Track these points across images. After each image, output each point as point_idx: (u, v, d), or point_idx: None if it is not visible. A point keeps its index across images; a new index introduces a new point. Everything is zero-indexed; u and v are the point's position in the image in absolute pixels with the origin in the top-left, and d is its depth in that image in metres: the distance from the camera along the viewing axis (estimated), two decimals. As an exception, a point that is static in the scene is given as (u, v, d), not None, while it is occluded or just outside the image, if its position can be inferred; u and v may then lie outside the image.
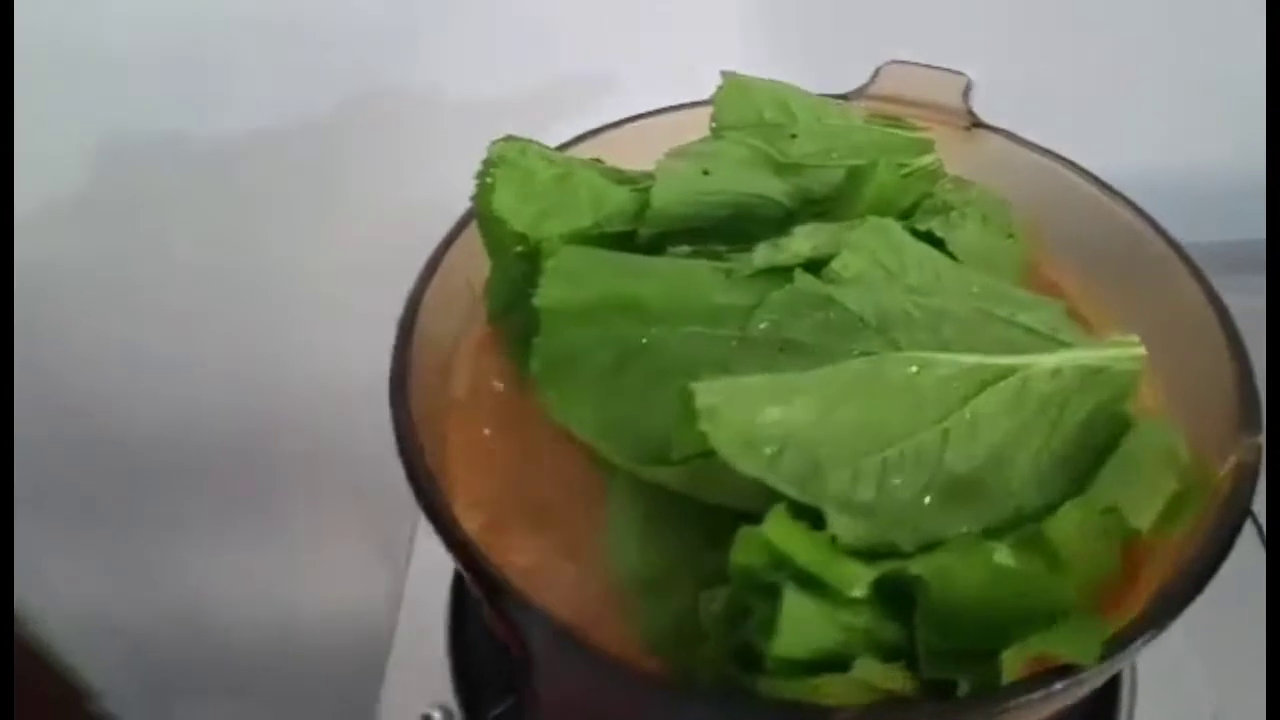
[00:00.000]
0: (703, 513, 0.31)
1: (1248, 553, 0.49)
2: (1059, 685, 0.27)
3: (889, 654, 0.29)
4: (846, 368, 0.32)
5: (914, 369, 0.32)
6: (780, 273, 0.36)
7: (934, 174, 0.44)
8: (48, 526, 0.91)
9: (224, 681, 1.11)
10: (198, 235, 0.71)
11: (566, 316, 0.35)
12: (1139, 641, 0.27)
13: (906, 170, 0.43)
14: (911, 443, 0.32)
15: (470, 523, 0.34)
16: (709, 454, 0.29)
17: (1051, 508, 0.32)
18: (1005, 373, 0.33)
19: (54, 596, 0.97)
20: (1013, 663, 0.27)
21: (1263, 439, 0.32)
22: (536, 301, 0.35)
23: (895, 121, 0.45)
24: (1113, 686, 0.45)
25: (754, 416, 0.30)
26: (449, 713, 0.46)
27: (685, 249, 0.39)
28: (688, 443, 0.29)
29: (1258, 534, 0.52)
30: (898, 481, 0.31)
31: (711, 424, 0.29)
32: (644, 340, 0.35)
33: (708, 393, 0.29)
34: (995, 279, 0.38)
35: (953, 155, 0.44)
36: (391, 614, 0.53)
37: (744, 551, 0.28)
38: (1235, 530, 0.29)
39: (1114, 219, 0.41)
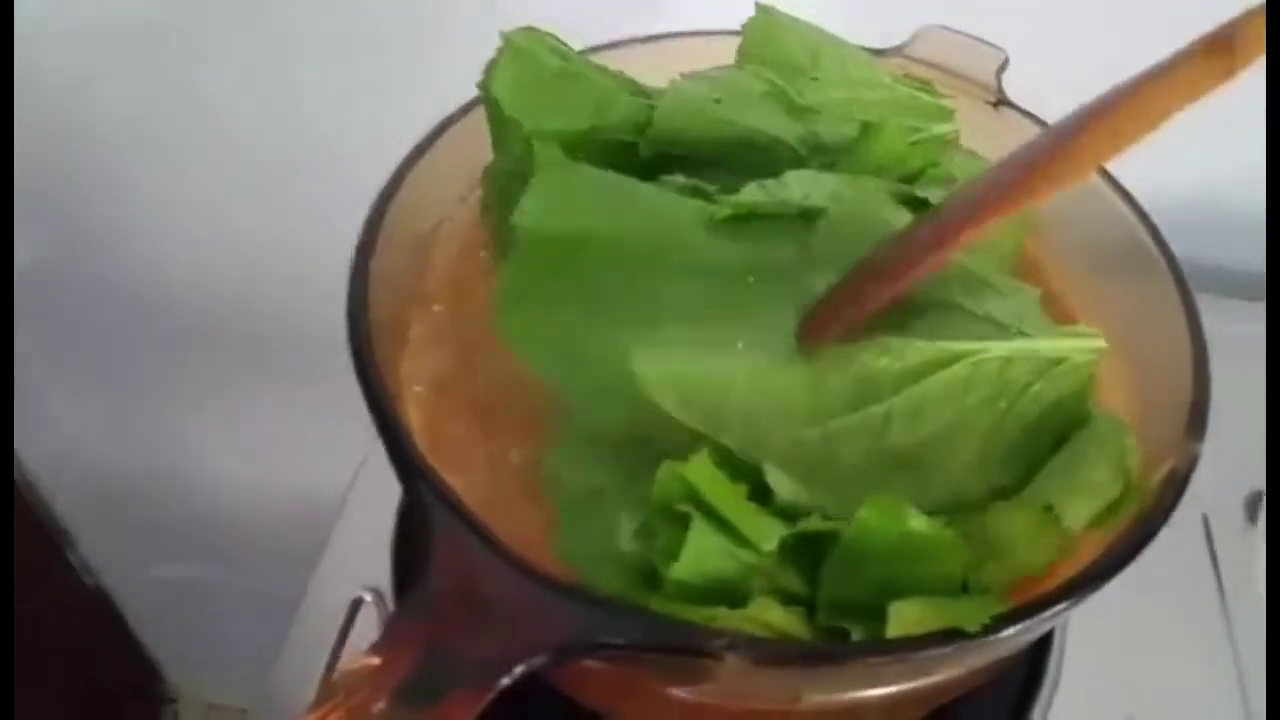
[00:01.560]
0: (640, 446, 0.32)
1: (1198, 560, 0.49)
2: (939, 649, 0.27)
3: (789, 600, 0.30)
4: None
5: (863, 349, 0.33)
6: (767, 220, 0.36)
7: (949, 143, 0.43)
8: (49, 368, 0.93)
9: (201, 546, 1.13)
10: (227, 74, 0.70)
11: (543, 243, 0.35)
12: (1021, 626, 0.27)
13: (920, 136, 0.43)
14: (855, 418, 0.32)
15: (413, 408, 0.34)
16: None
17: (998, 494, 0.32)
18: (954, 358, 0.33)
19: (44, 437, 0.99)
20: (901, 616, 0.28)
21: (1201, 448, 0.31)
22: (515, 219, 0.35)
23: (923, 85, 0.44)
24: (1035, 674, 0.45)
25: (696, 380, 0.31)
26: (380, 596, 0.47)
27: (679, 179, 0.39)
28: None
29: (1205, 535, 0.52)
30: (838, 453, 0.32)
31: (655, 385, 0.30)
32: (616, 281, 0.35)
33: (649, 359, 0.31)
34: (975, 263, 0.38)
35: (974, 129, 0.44)
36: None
37: (663, 486, 0.29)
38: (1150, 534, 0.29)
39: (1116, 216, 0.41)
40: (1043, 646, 0.46)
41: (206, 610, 1.19)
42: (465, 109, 0.39)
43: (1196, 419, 0.32)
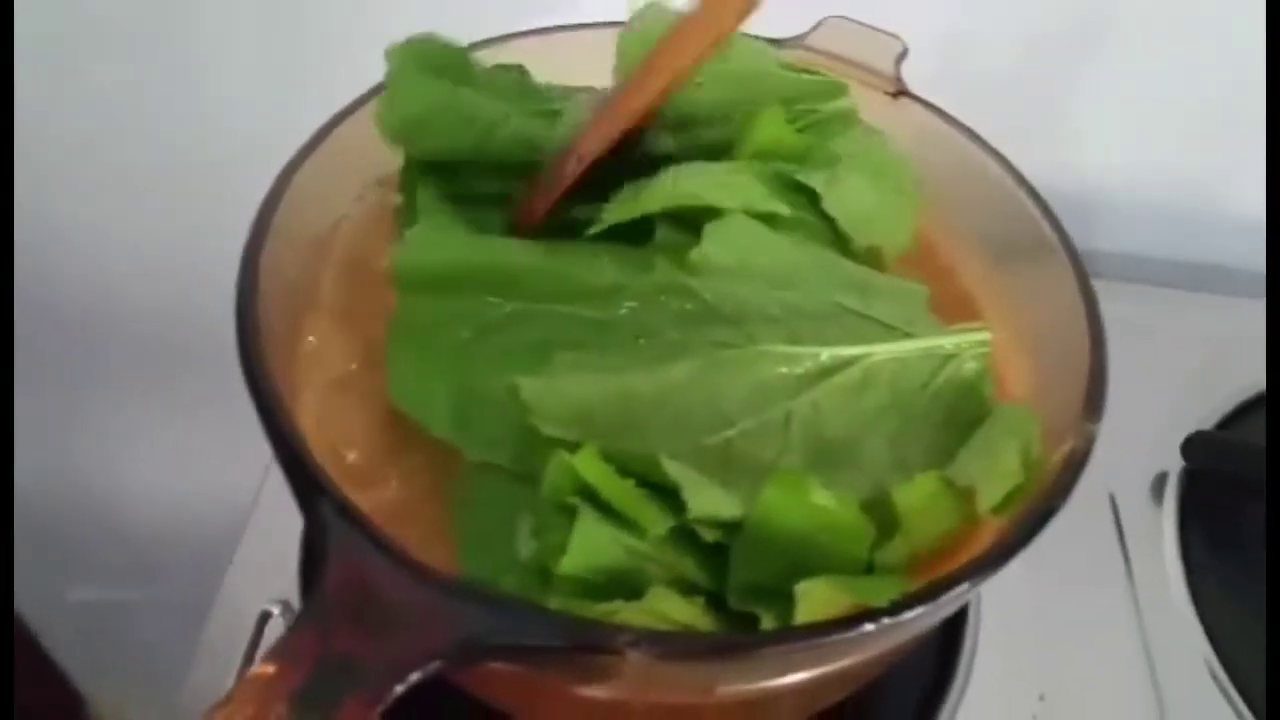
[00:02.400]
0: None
1: (1106, 540, 0.50)
2: (848, 631, 0.27)
3: (688, 590, 0.29)
4: (693, 358, 0.33)
5: (759, 360, 0.33)
6: (643, 246, 0.36)
7: (846, 119, 0.43)
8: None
9: (117, 567, 1.10)
10: (128, 74, 0.68)
11: (425, 284, 0.35)
12: (931, 603, 0.27)
13: (815, 117, 0.43)
14: (753, 424, 0.33)
15: (309, 413, 0.34)
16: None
17: None
18: (847, 362, 0.34)
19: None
20: (809, 597, 0.28)
21: (1098, 428, 0.32)
22: (392, 266, 0.35)
23: (811, 68, 0.44)
24: (949, 661, 0.45)
25: (583, 407, 0.31)
26: (289, 607, 0.46)
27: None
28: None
29: (1112, 515, 0.53)
30: (741, 458, 0.32)
31: (547, 414, 0.31)
32: (501, 316, 0.35)
33: (535, 389, 0.31)
34: (861, 266, 0.38)
35: (874, 119, 0.44)
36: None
37: (552, 479, 0.29)
38: (1050, 512, 0.29)
39: (1013, 201, 0.41)
40: (956, 629, 0.47)
41: (126, 630, 1.15)
42: (356, 105, 0.38)
43: (1094, 400, 0.33)
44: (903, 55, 0.46)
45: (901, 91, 0.46)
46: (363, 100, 0.38)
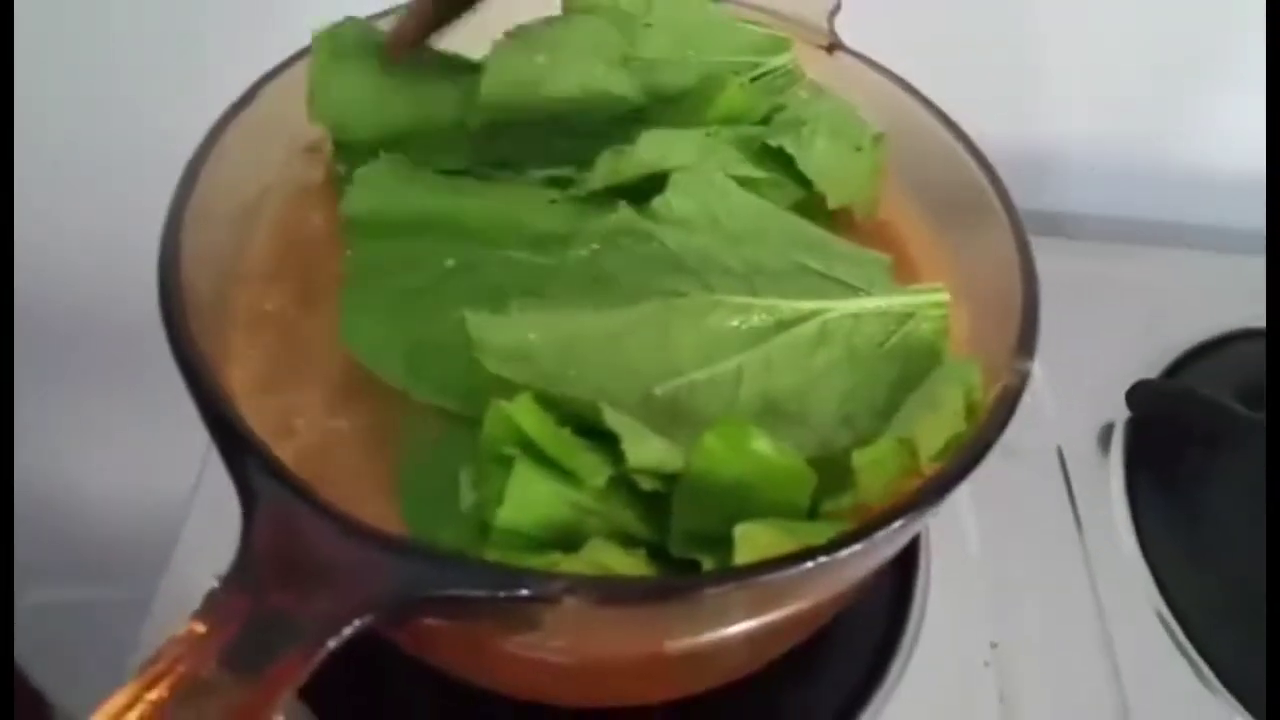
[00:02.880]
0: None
1: (1054, 492, 0.50)
2: (785, 571, 0.27)
3: (628, 542, 0.29)
4: (648, 304, 0.33)
5: (713, 309, 0.33)
6: (611, 196, 0.36)
7: (790, 75, 0.44)
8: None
9: (72, 566, 1.09)
10: (53, 72, 0.66)
11: (377, 228, 0.35)
12: (866, 542, 0.27)
13: (759, 71, 0.43)
14: (703, 375, 0.33)
15: (239, 377, 0.33)
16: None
17: (862, 444, 0.32)
18: (804, 316, 0.34)
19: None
20: (748, 540, 0.28)
21: (1032, 365, 0.32)
22: (343, 209, 0.34)
23: (755, 20, 0.44)
24: (900, 611, 0.46)
25: (529, 344, 0.31)
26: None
27: (533, 175, 0.39)
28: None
29: (1060, 467, 0.53)
30: (688, 410, 0.32)
31: (492, 351, 0.30)
32: (456, 262, 0.35)
33: (481, 324, 0.31)
34: (824, 231, 0.38)
35: (809, 73, 0.45)
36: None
37: (491, 428, 0.28)
38: (985, 447, 0.29)
39: (950, 152, 0.42)
40: (906, 581, 0.47)
41: (86, 629, 1.14)
42: (283, 66, 0.38)
43: (1026, 338, 0.33)
44: (836, 9, 0.46)
45: (835, 45, 0.46)
46: (290, 61, 0.38)
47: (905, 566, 0.48)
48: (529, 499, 0.28)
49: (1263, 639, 0.46)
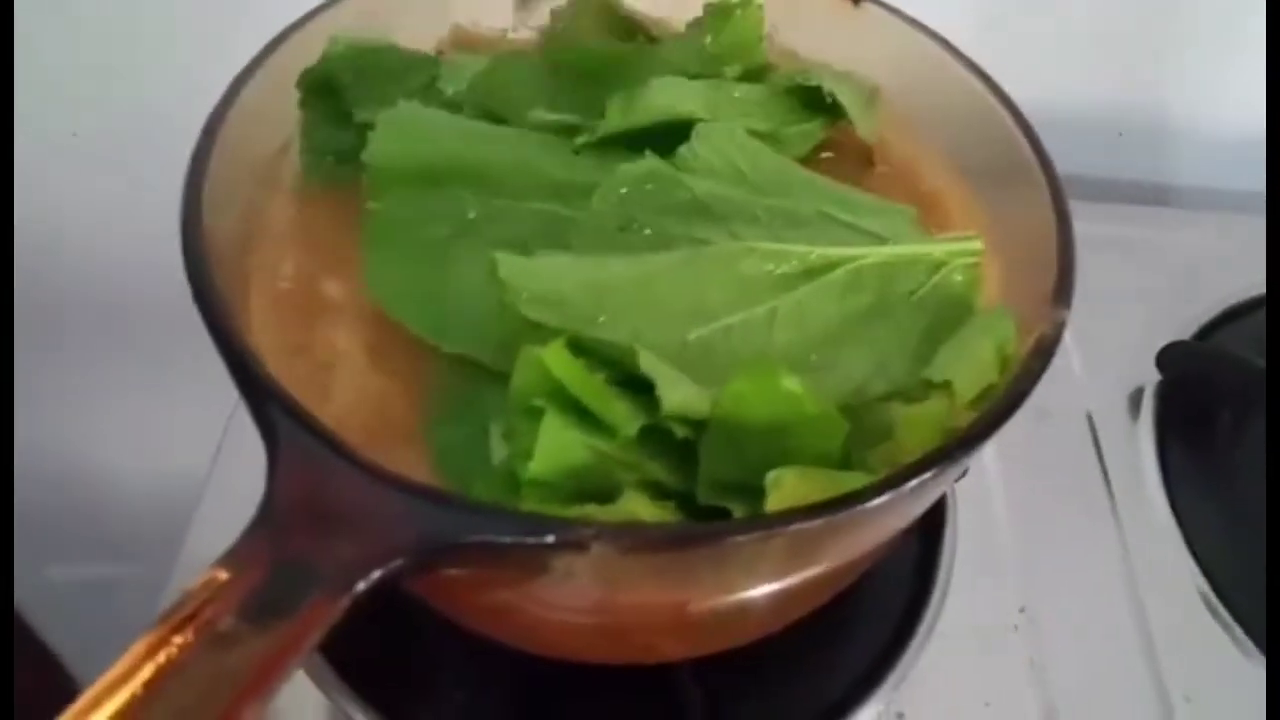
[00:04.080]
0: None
1: (1084, 457, 0.50)
2: (818, 519, 0.26)
3: (659, 494, 0.29)
4: (678, 250, 0.33)
5: (745, 256, 0.33)
6: (629, 147, 0.36)
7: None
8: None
9: (93, 541, 1.09)
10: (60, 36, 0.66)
11: (401, 177, 0.34)
12: (902, 489, 0.27)
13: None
14: (737, 320, 0.32)
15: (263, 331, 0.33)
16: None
17: (897, 392, 0.32)
18: (834, 264, 0.34)
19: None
20: (781, 486, 0.27)
21: (1068, 315, 0.31)
22: (366, 157, 0.34)
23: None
24: (927, 575, 0.45)
25: (561, 289, 0.30)
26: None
27: (544, 116, 0.38)
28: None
29: (1090, 432, 0.53)
30: (720, 355, 0.31)
31: (524, 294, 0.30)
32: (477, 213, 0.34)
33: (513, 267, 0.30)
34: (847, 186, 0.38)
35: (838, 30, 0.44)
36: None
37: (522, 377, 0.28)
38: (1021, 396, 0.29)
39: (982, 106, 0.41)
40: (933, 544, 0.46)
41: (108, 605, 1.14)
42: (306, 19, 0.37)
43: (1062, 288, 0.32)
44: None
45: (861, -2, 0.45)
46: (312, 14, 0.37)
47: (931, 530, 0.47)
48: (559, 450, 0.27)
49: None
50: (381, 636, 0.42)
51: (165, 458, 0.98)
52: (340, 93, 0.38)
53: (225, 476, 0.50)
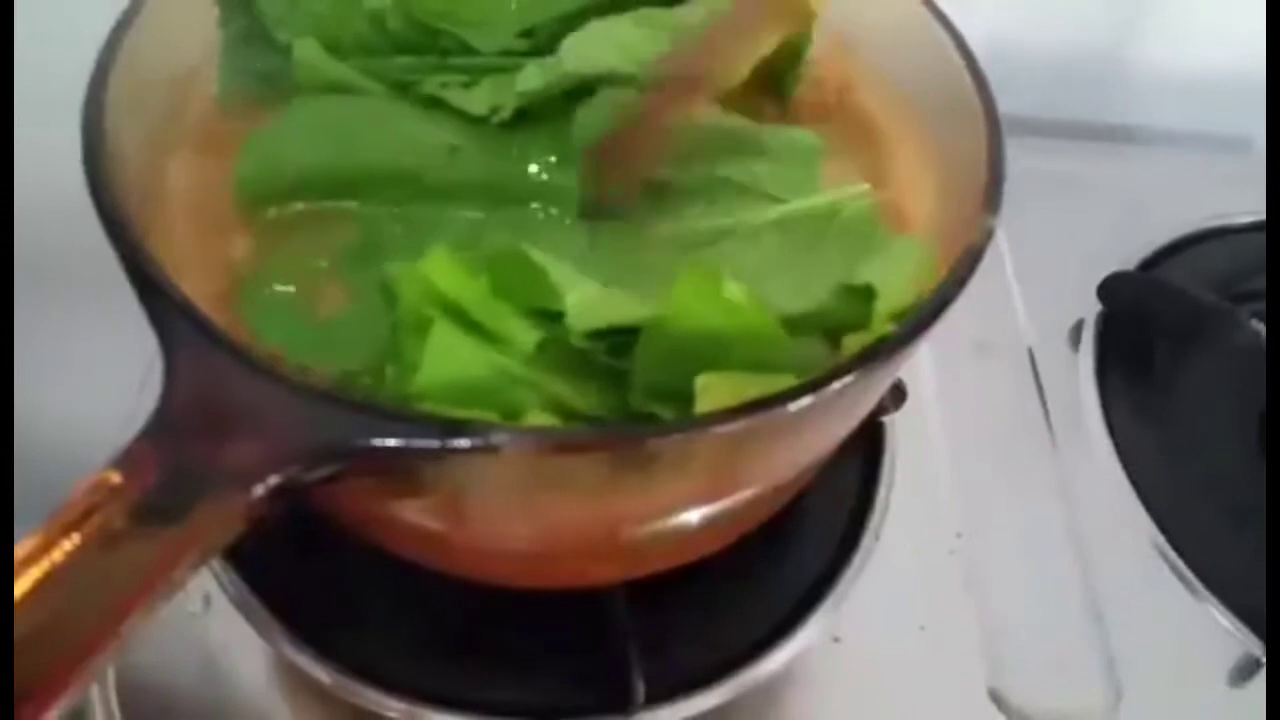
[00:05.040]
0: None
1: (1024, 390, 0.49)
2: (740, 421, 0.25)
3: (566, 416, 0.28)
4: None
5: (645, 249, 0.33)
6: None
7: None
8: None
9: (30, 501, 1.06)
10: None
11: (274, 197, 0.34)
12: (828, 389, 0.26)
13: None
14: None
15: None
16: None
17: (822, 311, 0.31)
18: (727, 231, 0.34)
19: None
20: (710, 390, 0.26)
21: (995, 221, 0.31)
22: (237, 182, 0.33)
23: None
24: (864, 501, 0.45)
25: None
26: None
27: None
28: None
29: (1030, 367, 0.53)
30: None
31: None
32: (362, 236, 0.34)
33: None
34: (750, 124, 0.37)
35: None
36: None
37: (407, 290, 0.27)
38: (945, 303, 0.28)
39: (918, 19, 0.40)
40: (871, 471, 0.46)
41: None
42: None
43: (991, 194, 0.32)
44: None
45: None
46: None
47: (869, 459, 0.47)
48: (449, 361, 0.26)
49: (1231, 529, 0.46)
50: (314, 570, 0.42)
51: (98, 410, 0.96)
52: (259, 10, 0.36)
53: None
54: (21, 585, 0.22)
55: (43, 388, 0.92)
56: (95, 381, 0.79)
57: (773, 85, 0.40)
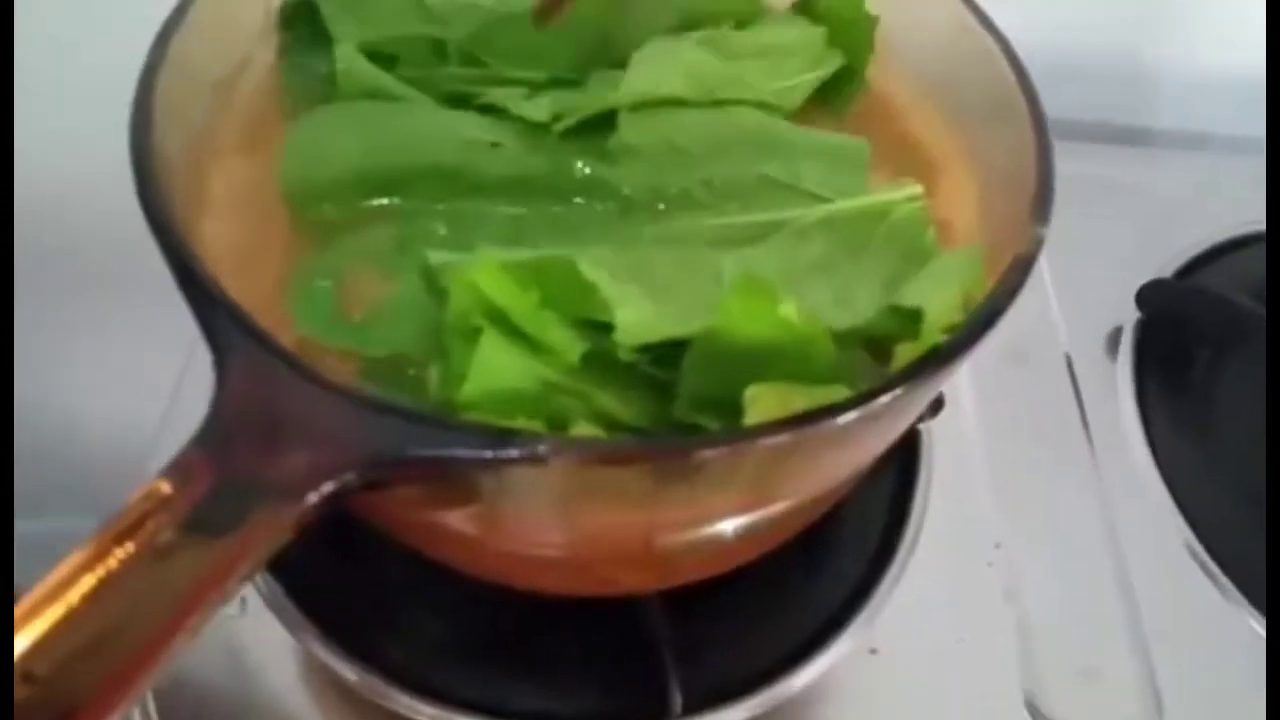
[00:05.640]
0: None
1: (1062, 397, 0.49)
2: (790, 433, 0.25)
3: (612, 428, 0.28)
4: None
5: (687, 241, 0.33)
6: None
7: None
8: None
9: (64, 494, 1.07)
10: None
11: (318, 195, 0.34)
12: (879, 401, 0.26)
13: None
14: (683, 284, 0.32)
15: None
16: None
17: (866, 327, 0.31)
18: (775, 226, 0.34)
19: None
20: (759, 402, 0.26)
21: (1045, 232, 0.30)
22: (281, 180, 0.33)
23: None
24: (901, 511, 0.44)
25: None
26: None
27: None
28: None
29: (1071, 383, 0.52)
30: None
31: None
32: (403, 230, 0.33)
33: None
34: (796, 129, 0.37)
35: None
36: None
37: (457, 298, 0.27)
38: (995, 314, 0.28)
39: (964, 32, 0.39)
40: (908, 481, 0.46)
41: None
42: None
43: (1040, 203, 0.31)
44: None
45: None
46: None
47: (906, 468, 0.47)
48: (496, 371, 0.26)
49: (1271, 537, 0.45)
50: (350, 574, 0.42)
51: (126, 402, 0.97)
52: (319, 15, 0.37)
53: (182, 421, 0.49)
54: (74, 595, 0.22)
55: (79, 389, 0.93)
56: (130, 383, 0.79)
57: (829, 100, 0.40)
